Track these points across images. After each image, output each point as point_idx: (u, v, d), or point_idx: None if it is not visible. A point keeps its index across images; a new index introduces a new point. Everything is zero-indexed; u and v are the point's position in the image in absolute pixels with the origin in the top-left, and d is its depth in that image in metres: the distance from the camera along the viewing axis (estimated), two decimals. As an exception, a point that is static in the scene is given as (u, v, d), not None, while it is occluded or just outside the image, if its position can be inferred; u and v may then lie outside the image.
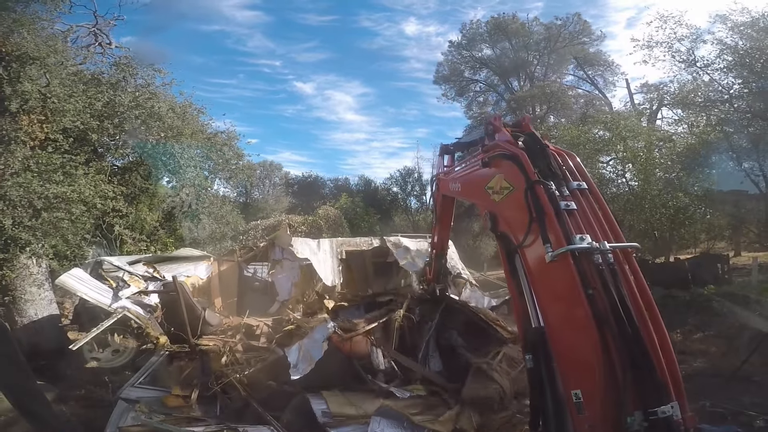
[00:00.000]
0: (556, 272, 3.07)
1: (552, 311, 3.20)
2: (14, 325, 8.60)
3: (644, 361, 2.72)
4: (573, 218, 3.20)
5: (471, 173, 4.51)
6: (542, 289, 3.29)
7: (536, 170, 3.38)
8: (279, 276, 11.55)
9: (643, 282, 3.05)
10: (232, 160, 12.48)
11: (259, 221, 19.81)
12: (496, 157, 3.80)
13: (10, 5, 8.33)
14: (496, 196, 3.71)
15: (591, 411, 2.79)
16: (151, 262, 9.11)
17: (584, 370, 2.85)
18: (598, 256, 3.00)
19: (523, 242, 3.36)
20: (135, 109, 10.02)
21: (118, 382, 7.18)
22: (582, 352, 2.87)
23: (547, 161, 3.50)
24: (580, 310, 2.86)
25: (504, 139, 3.89)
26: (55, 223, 7.52)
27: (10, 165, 7.50)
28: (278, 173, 34.41)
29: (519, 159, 3.48)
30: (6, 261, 7.32)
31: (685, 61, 15.02)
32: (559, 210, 3.17)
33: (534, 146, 3.66)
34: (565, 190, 3.36)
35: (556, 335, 3.12)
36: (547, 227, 3.14)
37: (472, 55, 34.03)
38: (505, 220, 3.62)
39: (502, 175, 3.66)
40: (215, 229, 12.38)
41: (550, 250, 3.07)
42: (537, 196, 3.25)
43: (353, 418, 5.44)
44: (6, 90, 7.96)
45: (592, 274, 2.94)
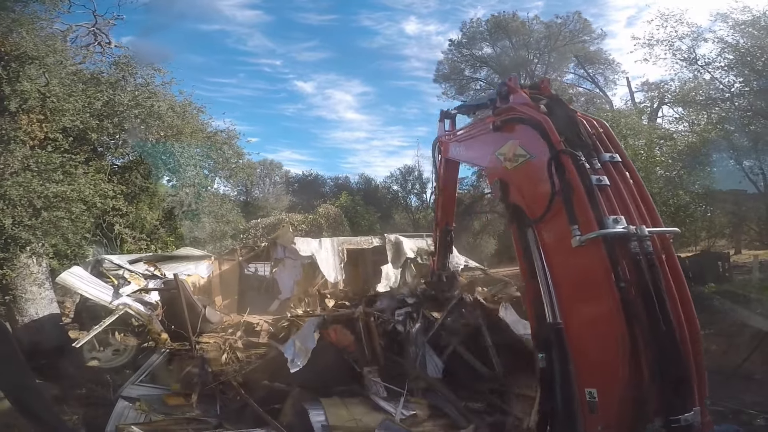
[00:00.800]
0: (582, 259, 2.68)
1: (573, 302, 2.84)
2: (15, 324, 8.61)
3: (677, 366, 2.44)
4: (605, 196, 2.76)
5: (479, 137, 4.10)
6: (563, 276, 2.91)
7: (562, 138, 2.93)
8: (281, 274, 11.59)
9: (681, 275, 2.68)
10: (232, 158, 12.49)
11: (260, 220, 19.81)
12: (510, 120, 3.38)
13: (8, 5, 8.31)
14: (508, 164, 3.31)
15: (606, 412, 2.57)
16: (153, 261, 9.14)
17: (604, 368, 2.60)
18: (635, 243, 2.57)
19: (541, 218, 2.97)
20: (134, 108, 10.01)
21: (119, 380, 7.21)
22: (604, 348, 2.59)
23: (576, 128, 3.02)
24: (609, 303, 2.53)
25: (521, 102, 3.43)
26: (55, 223, 7.52)
27: (10, 164, 7.50)
28: (278, 172, 34.44)
29: (541, 125, 3.03)
30: (6, 260, 7.32)
31: (686, 59, 15.01)
32: (590, 185, 2.72)
33: (559, 111, 3.21)
34: (596, 163, 2.89)
35: (576, 328, 2.81)
36: (575, 205, 2.71)
37: (473, 54, 33.93)
38: (518, 190, 3.23)
39: (517, 141, 3.25)
40: (215, 227, 12.40)
41: (577, 233, 2.65)
42: (564, 168, 2.80)
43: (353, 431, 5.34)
44: (5, 89, 7.96)
45: (627, 263, 2.56)
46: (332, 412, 5.51)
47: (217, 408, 6.48)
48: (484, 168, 4.11)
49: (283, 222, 18.00)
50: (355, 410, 5.66)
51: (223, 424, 6.01)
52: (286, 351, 6.56)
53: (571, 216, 2.71)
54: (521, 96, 3.48)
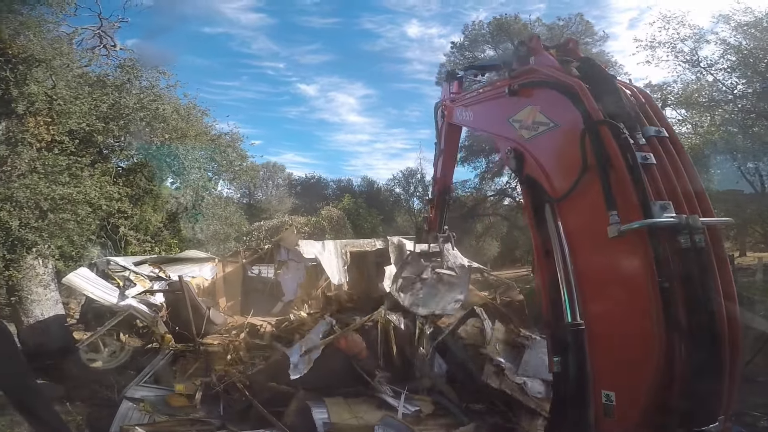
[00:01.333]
0: (619, 250, 2.31)
1: (602, 297, 2.48)
2: (20, 325, 8.67)
3: (714, 377, 2.20)
4: (651, 177, 2.35)
5: (490, 100, 3.62)
6: (591, 267, 2.53)
7: (599, 107, 2.52)
8: (285, 277, 11.64)
9: (730, 272, 2.35)
10: (236, 161, 12.56)
11: (263, 222, 19.91)
12: (532, 84, 2.97)
13: (15, 7, 8.36)
14: (525, 132, 2.93)
15: (625, 417, 2.33)
16: (157, 263, 9.21)
17: (631, 370, 2.33)
18: (686, 235, 2.18)
19: (565, 196, 2.57)
20: (140, 111, 10.11)
21: (123, 381, 7.25)
22: (634, 350, 2.31)
23: (616, 96, 2.59)
24: (647, 302, 2.19)
25: (547, 63, 3.01)
26: (61, 224, 7.59)
27: (17, 166, 7.58)
28: (281, 174, 34.62)
29: (575, 90, 2.60)
30: (13, 261, 7.39)
31: (688, 61, 15.04)
32: (635, 164, 2.31)
33: (594, 75, 2.76)
34: (640, 137, 2.47)
35: (601, 326, 2.47)
36: (614, 187, 2.32)
37: (475, 56, 34.04)
38: (536, 162, 2.84)
39: (538, 107, 2.85)
40: (219, 230, 12.46)
41: (616, 221, 2.25)
42: (602, 141, 2.39)
43: (354, 429, 5.40)
44: (13, 92, 8.02)
45: (673, 260, 2.20)
46: (335, 411, 5.57)
47: (221, 409, 6.48)
48: (493, 135, 3.58)
49: (286, 224, 18.07)
50: (358, 409, 5.73)
51: (226, 425, 6.00)
52: (291, 355, 6.58)
53: (609, 199, 2.30)
54: (546, 57, 3.07)
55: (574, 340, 2.56)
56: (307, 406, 5.66)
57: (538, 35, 3.30)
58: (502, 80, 3.46)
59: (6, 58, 8.16)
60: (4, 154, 7.65)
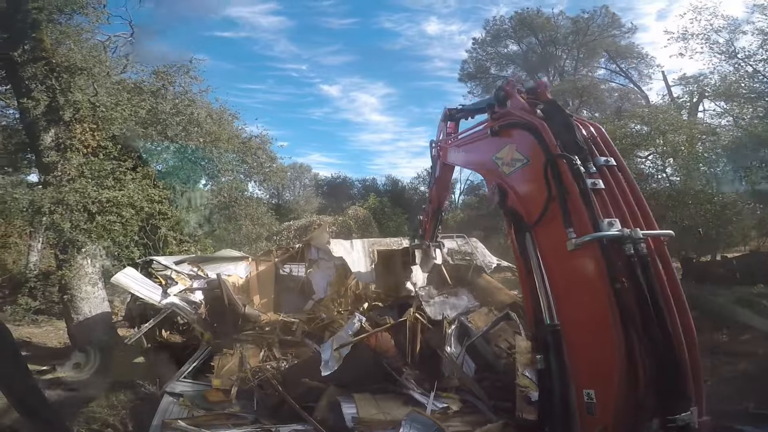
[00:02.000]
0: (578, 261, 2.71)
1: (570, 303, 2.86)
2: (70, 322, 9.16)
3: (674, 367, 2.46)
4: (600, 199, 2.80)
5: (477, 141, 4.11)
6: (560, 278, 2.92)
7: (558, 143, 2.97)
8: (315, 275, 11.77)
9: (675, 276, 2.73)
10: (266, 163, 12.86)
11: (292, 222, 20.22)
12: (508, 125, 3.40)
13: (55, 17, 8.74)
14: (506, 168, 3.36)
15: (604, 413, 2.56)
16: (196, 262, 9.50)
17: (602, 369, 2.60)
18: (629, 245, 2.60)
19: (537, 222, 3.00)
20: (176, 116, 10.49)
21: (165, 376, 7.53)
22: (601, 350, 2.59)
23: (572, 132, 3.05)
24: (604, 305, 2.54)
25: (518, 106, 3.44)
26: (108, 226, 7.96)
27: (67, 171, 8.00)
28: (308, 175, 35.07)
29: (538, 129, 3.07)
30: (65, 261, 7.79)
31: (724, 52, 14.46)
32: (585, 189, 2.76)
33: (555, 115, 3.23)
34: (591, 167, 2.92)
35: (573, 330, 2.82)
36: (570, 209, 2.76)
37: (498, 52, 33.55)
38: (516, 194, 3.25)
39: (515, 145, 3.28)
40: (251, 230, 12.77)
41: (573, 236, 2.69)
42: (559, 172, 2.85)
43: (382, 424, 5.46)
44: (59, 100, 8.43)
45: (622, 265, 2.58)
46: (363, 406, 5.67)
47: (255, 404, 6.59)
48: (482, 173, 4.07)
49: (314, 224, 18.31)
50: (386, 405, 5.82)
51: (259, 420, 6.13)
52: (323, 352, 6.67)
53: (566, 219, 2.76)
54: (518, 101, 3.50)
55: (553, 339, 2.92)
56: (337, 402, 5.77)
57: (514, 80, 3.75)
58: (487, 122, 3.86)
59: (50, 67, 8.55)
60: (55, 160, 8.08)
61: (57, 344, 10.42)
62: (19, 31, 8.34)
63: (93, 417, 6.87)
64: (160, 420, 6.04)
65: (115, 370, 8.30)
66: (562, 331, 2.86)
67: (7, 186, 7.91)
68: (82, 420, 6.77)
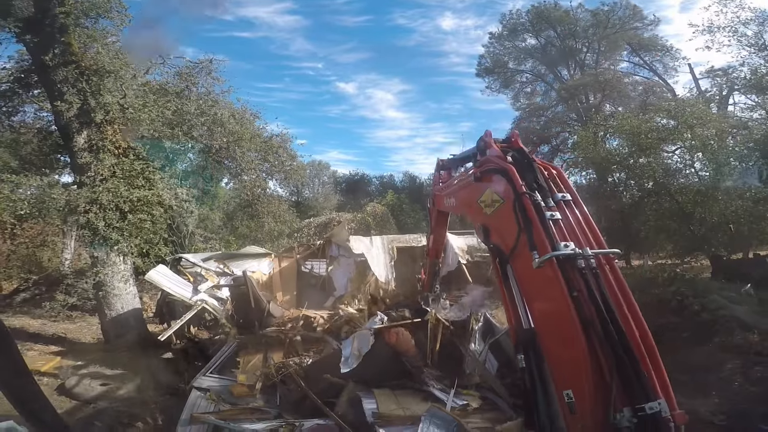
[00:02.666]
0: (542, 277, 3.21)
1: (541, 314, 3.34)
2: (103, 318, 9.49)
3: (628, 359, 2.79)
4: (558, 227, 3.37)
5: (464, 188, 4.68)
6: (531, 294, 3.44)
7: (523, 183, 3.55)
8: (336, 272, 11.91)
9: (625, 284, 3.17)
10: (287, 161, 12.99)
11: (312, 219, 20.43)
12: (488, 171, 3.96)
13: (81, 21, 8.95)
14: (487, 209, 3.89)
15: (582, 410, 2.85)
16: (221, 259, 9.72)
17: (574, 370, 2.92)
18: (581, 261, 3.15)
19: (512, 251, 3.52)
20: (200, 117, 10.68)
21: (193, 371, 7.72)
22: (570, 352, 2.96)
23: (534, 174, 3.67)
24: (566, 312, 2.96)
25: (494, 154, 4.02)
26: (139, 224, 8.19)
27: (100, 172, 8.26)
28: (326, 172, 35.36)
29: (508, 173, 3.65)
30: (99, 259, 8.05)
31: (753, 45, 13.98)
32: (544, 219, 3.34)
33: (522, 160, 3.83)
34: (550, 201, 3.51)
35: (546, 337, 3.25)
36: (533, 236, 3.32)
37: (515, 46, 32.95)
38: (496, 231, 3.80)
39: (493, 188, 3.83)
40: (273, 227, 12.95)
41: (536, 257, 3.22)
42: (524, 206, 3.42)
43: (402, 419, 5.52)
44: (91, 102, 8.65)
45: (576, 278, 3.08)
46: (383, 401, 5.77)
47: (278, 398, 6.74)
48: (470, 215, 4.66)
49: (334, 221, 18.46)
50: (405, 400, 5.89)
51: (282, 414, 6.28)
52: (344, 349, 6.73)
53: (531, 244, 3.30)
54: (494, 149, 4.08)
55: (531, 341, 3.35)
56: (358, 397, 5.85)
57: (491, 132, 4.30)
58: (472, 169, 4.41)
59: (80, 70, 8.79)
60: (89, 161, 8.35)
61: (90, 339, 10.80)
62: (49, 36, 8.58)
63: (123, 411, 7.09)
64: (188, 414, 6.23)
65: (145, 365, 8.52)
66: (541, 343, 3.29)
67: (44, 187, 8.21)
68: (113, 415, 6.98)
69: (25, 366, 5.25)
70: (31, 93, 9.79)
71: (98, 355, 9.09)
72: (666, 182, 13.12)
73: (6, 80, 9.41)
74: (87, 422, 6.69)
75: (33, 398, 4.91)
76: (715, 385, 6.69)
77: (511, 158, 3.89)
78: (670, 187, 13.08)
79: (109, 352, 9.05)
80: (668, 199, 12.85)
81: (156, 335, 8.94)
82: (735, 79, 16.24)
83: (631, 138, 13.84)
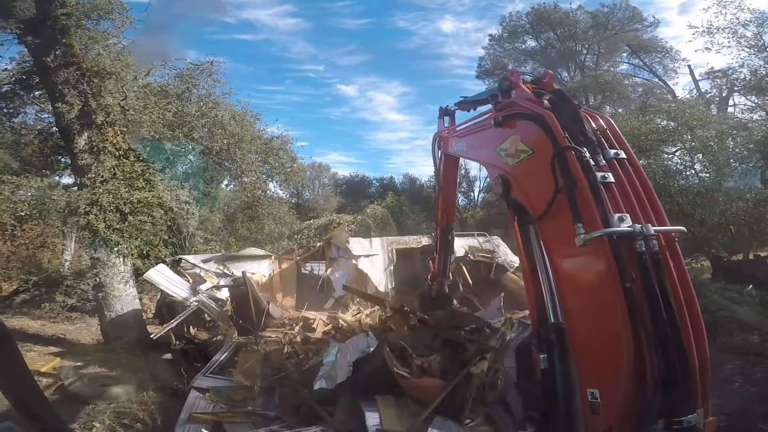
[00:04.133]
0: (586, 257, 2.63)
1: (576, 301, 2.76)
2: (103, 319, 9.48)
3: (682, 367, 2.38)
4: (611, 194, 2.69)
5: (479, 132, 4.02)
6: (567, 275, 2.83)
7: (566, 134, 2.86)
8: (335, 274, 11.91)
9: (687, 275, 2.62)
10: (287, 163, 13.01)
11: (312, 221, 20.44)
12: (512, 116, 3.31)
13: (83, 23, 8.93)
14: (510, 159, 3.27)
15: (609, 413, 2.49)
16: (221, 260, 9.73)
17: (608, 368, 2.52)
18: (640, 241, 2.51)
19: (543, 215, 2.88)
20: (201, 118, 10.70)
21: (192, 371, 7.72)
22: (608, 349, 2.52)
23: (580, 124, 2.94)
24: (613, 303, 2.45)
25: (524, 97, 3.33)
26: (139, 226, 8.20)
27: (101, 173, 8.28)
28: (327, 174, 35.45)
29: (545, 120, 2.95)
30: (99, 260, 8.07)
31: (753, 46, 14.06)
32: (595, 182, 2.66)
33: (563, 106, 3.12)
34: (600, 159, 2.82)
35: (579, 328, 2.73)
36: (578, 203, 2.65)
37: (515, 48, 33.11)
38: (520, 186, 3.16)
39: (519, 136, 3.18)
40: (273, 229, 12.97)
41: (581, 232, 2.57)
42: (567, 164, 2.73)
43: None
44: (92, 104, 8.67)
45: (632, 263, 2.49)
46: (386, 414, 5.22)
47: (276, 399, 6.60)
48: (484, 163, 3.96)
49: (334, 223, 18.47)
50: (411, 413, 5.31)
51: (281, 418, 6.14)
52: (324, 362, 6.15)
53: (575, 214, 2.64)
54: (523, 91, 3.38)
55: (557, 338, 2.81)
56: (358, 404, 5.49)
57: (519, 70, 3.70)
58: (490, 112, 3.78)
59: (81, 72, 8.81)
60: (89, 163, 8.37)
61: (90, 340, 10.79)
62: (50, 37, 8.59)
63: (123, 412, 7.03)
64: (187, 414, 6.17)
65: (144, 366, 8.52)
66: (568, 329, 2.77)
67: (45, 188, 8.22)
68: (112, 415, 6.98)
69: (26, 366, 5.12)
70: (32, 94, 9.81)
71: (98, 355, 9.08)
72: (666, 184, 13.11)
73: (7, 82, 9.43)
74: (86, 422, 6.67)
75: (34, 399, 4.78)
76: (716, 385, 6.68)
77: (548, 102, 3.18)
78: (670, 189, 13.08)
79: (108, 353, 9.06)
80: (668, 201, 12.85)
81: (152, 335, 8.93)
82: (735, 80, 16.31)
83: (631, 140, 13.81)
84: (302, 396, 6.24)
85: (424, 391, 5.26)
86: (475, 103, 4.84)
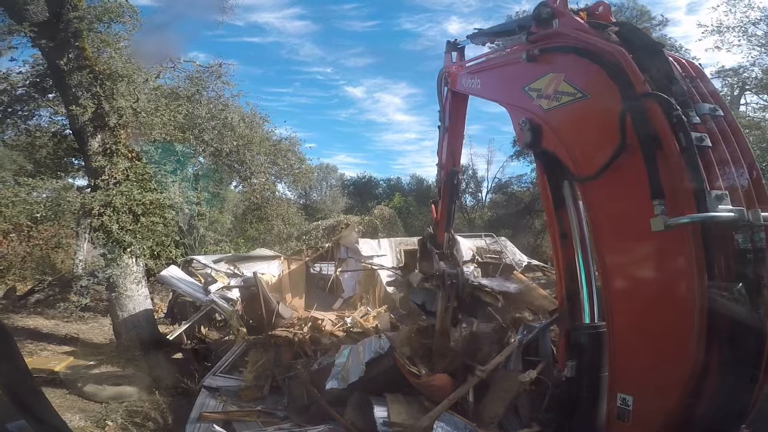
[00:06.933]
0: (661, 246, 1.99)
1: (631, 295, 2.20)
2: (116, 319, 9.61)
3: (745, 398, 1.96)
4: (705, 162, 1.97)
5: (502, 67, 3.35)
6: (623, 261, 2.23)
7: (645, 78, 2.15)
8: (344, 274, 11.96)
9: None
10: (296, 164, 13.12)
11: (320, 222, 20.54)
12: (553, 50, 2.68)
13: (95, 26, 9.04)
14: (544, 102, 2.65)
15: (641, 423, 2.15)
16: (232, 261, 9.82)
17: (658, 379, 2.11)
18: (745, 233, 1.84)
19: (594, 177, 2.23)
20: (211, 120, 10.84)
21: (203, 371, 7.81)
22: (664, 359, 2.08)
23: (667, 67, 2.20)
24: (689, 311, 1.88)
25: (574, 26, 2.65)
26: (151, 227, 8.31)
27: (114, 175, 8.41)
28: (334, 175, 35.58)
29: (614, 58, 2.22)
30: (112, 261, 8.18)
31: (764, 44, 13.90)
32: (690, 146, 1.92)
33: (636, 42, 2.35)
34: (693, 116, 2.07)
35: (627, 328, 2.22)
36: (661, 172, 1.96)
37: (524, 49, 33.01)
38: (557, 135, 2.55)
39: (562, 75, 2.55)
40: (282, 229, 13.06)
41: (660, 212, 1.90)
42: (647, 117, 2.02)
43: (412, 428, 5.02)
44: (105, 106, 8.80)
45: (727, 260, 1.89)
46: (395, 409, 5.28)
47: (286, 400, 6.69)
48: (504, 104, 3.22)
49: (342, 223, 18.54)
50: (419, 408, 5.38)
51: (290, 417, 6.22)
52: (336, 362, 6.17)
53: (655, 186, 1.96)
54: (572, 20, 2.71)
55: (591, 343, 2.38)
56: (368, 401, 5.52)
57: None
58: (518, 45, 3.12)
59: (94, 75, 8.94)
60: (103, 164, 8.50)
61: (102, 340, 10.95)
62: (63, 41, 8.72)
63: (135, 410, 7.15)
64: (197, 413, 6.25)
65: (156, 365, 8.62)
66: (610, 328, 2.27)
67: (59, 190, 8.36)
68: (124, 413, 7.05)
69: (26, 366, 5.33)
70: (47, 97, 9.96)
71: (110, 355, 9.22)
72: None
73: (22, 84, 9.59)
74: (99, 421, 6.77)
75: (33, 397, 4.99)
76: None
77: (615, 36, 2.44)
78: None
79: (120, 352, 9.19)
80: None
81: (166, 335, 9.04)
82: (746, 79, 16.12)
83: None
84: (313, 395, 6.28)
85: (436, 389, 5.16)
86: (494, 35, 4.15)
